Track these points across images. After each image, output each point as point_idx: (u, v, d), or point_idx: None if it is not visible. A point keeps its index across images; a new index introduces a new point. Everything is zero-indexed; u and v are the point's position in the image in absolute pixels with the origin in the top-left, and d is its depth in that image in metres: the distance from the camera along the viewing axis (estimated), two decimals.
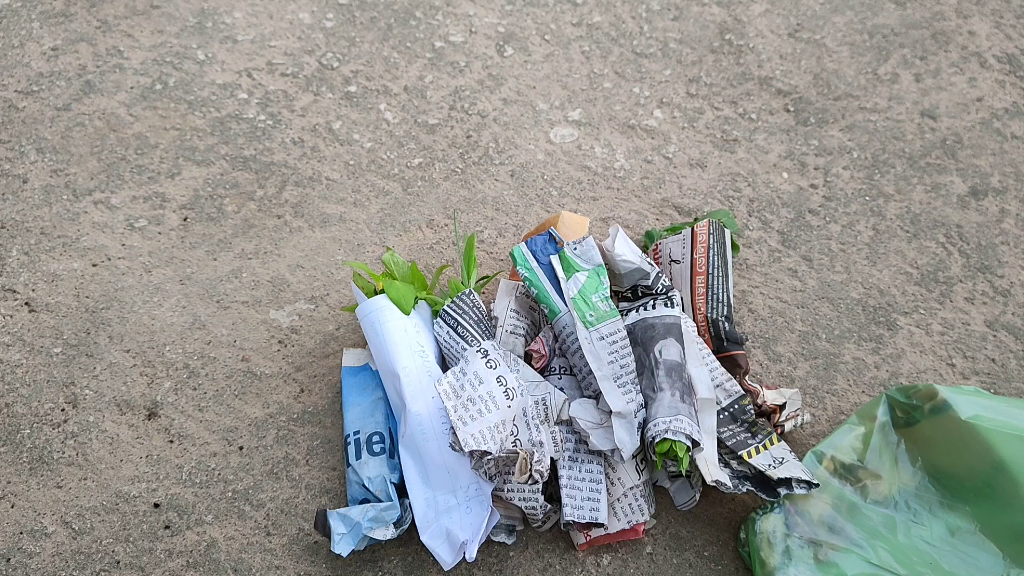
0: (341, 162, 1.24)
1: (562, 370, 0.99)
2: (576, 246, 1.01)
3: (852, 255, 1.19)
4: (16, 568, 0.93)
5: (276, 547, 0.95)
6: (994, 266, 1.18)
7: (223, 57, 1.34)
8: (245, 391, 1.05)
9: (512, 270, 1.07)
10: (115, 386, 1.04)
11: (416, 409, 0.93)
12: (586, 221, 1.07)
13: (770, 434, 0.97)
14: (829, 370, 1.09)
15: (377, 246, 1.17)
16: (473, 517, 0.90)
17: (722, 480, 0.91)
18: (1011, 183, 1.26)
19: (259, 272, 1.14)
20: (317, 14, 1.40)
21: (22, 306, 1.10)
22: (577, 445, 0.94)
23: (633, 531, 0.93)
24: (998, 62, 1.39)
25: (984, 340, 1.12)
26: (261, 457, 1.00)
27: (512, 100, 1.32)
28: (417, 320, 1.00)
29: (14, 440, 1.00)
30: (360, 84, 1.32)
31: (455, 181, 1.23)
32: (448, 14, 1.41)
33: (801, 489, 0.91)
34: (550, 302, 0.98)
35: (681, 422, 0.89)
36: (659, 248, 1.10)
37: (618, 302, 1.02)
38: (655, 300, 0.99)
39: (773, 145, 1.29)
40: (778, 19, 1.43)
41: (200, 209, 1.19)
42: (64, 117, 1.26)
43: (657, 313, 0.98)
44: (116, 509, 0.97)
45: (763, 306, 1.14)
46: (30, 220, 1.16)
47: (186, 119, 1.27)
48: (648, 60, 1.38)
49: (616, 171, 1.25)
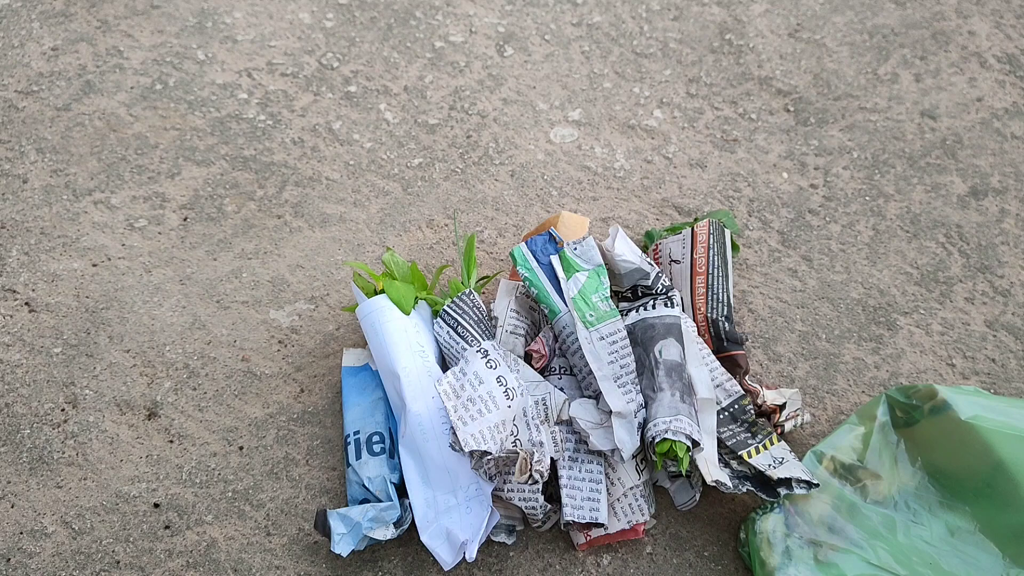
0: (341, 162, 1.24)
1: (562, 370, 0.99)
2: (576, 246, 1.01)
3: (852, 255, 1.19)
4: (16, 568, 0.93)
5: (276, 547, 0.95)
6: (994, 266, 1.18)
7: (223, 57, 1.34)
8: (245, 391, 1.05)
9: (512, 270, 1.07)
10: (115, 386, 1.04)
11: (416, 409, 0.93)
12: (586, 221, 1.07)
13: (770, 434, 0.97)
14: (829, 370, 1.09)
15: (377, 246, 1.17)
16: (473, 517, 0.90)
17: (722, 480, 0.91)
18: (1011, 183, 1.26)
19: (259, 272, 1.14)
20: (317, 14, 1.40)
21: (22, 306, 1.10)
22: (577, 445, 0.94)
23: (633, 531, 0.93)
24: (998, 62, 1.39)
25: (984, 340, 1.12)
26: (261, 457, 1.00)
27: (512, 100, 1.32)
28: (417, 320, 1.00)
29: (14, 440, 1.00)
30: (360, 84, 1.32)
31: (455, 181, 1.23)
32: (448, 14, 1.41)
33: (801, 489, 0.91)
34: (550, 302, 0.98)
35: (681, 422, 0.89)
36: (659, 248, 1.10)
37: (618, 302, 1.02)
38: (655, 300, 0.99)
39: (773, 145, 1.29)
40: (778, 19, 1.43)
41: (200, 209, 1.19)
42: (64, 117, 1.26)
43: (657, 313, 0.98)
44: (116, 509, 0.97)
45: (763, 306, 1.14)
46: (30, 220, 1.16)
47: (186, 119, 1.27)
48: (648, 60, 1.38)
49: (616, 171, 1.25)
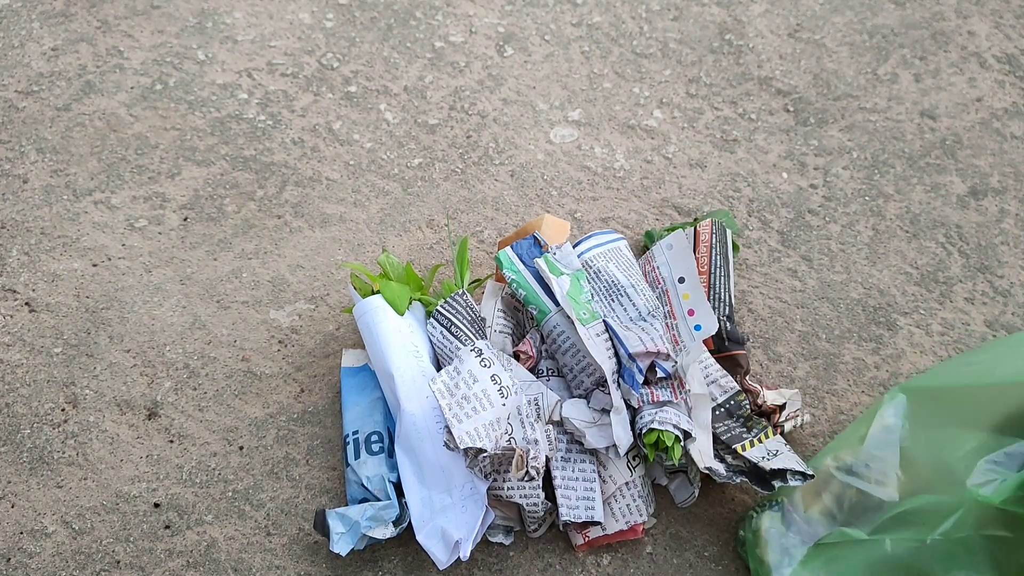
0: (341, 162, 1.24)
1: (550, 372, 0.99)
2: (556, 251, 1.02)
3: (852, 255, 1.19)
4: (16, 568, 0.93)
5: (276, 547, 0.95)
6: (994, 266, 1.18)
7: (223, 57, 1.34)
8: (245, 391, 1.05)
9: (497, 273, 1.07)
10: (115, 386, 1.04)
11: (410, 409, 0.93)
12: (567, 225, 1.07)
13: (765, 428, 0.97)
14: (829, 370, 1.09)
15: (377, 246, 1.17)
16: (468, 516, 0.90)
17: (715, 468, 0.91)
18: (1011, 183, 1.26)
19: (259, 272, 1.14)
20: (317, 14, 1.40)
21: (22, 306, 1.10)
22: (569, 445, 0.94)
23: (632, 531, 0.93)
24: (998, 62, 1.39)
25: (984, 340, 1.12)
26: (261, 457, 1.00)
27: (512, 100, 1.32)
28: (411, 320, 1.00)
29: (14, 440, 1.00)
30: (360, 84, 1.32)
31: (455, 181, 1.23)
32: (448, 14, 1.41)
33: (796, 481, 0.91)
34: (540, 303, 0.98)
35: (667, 413, 0.90)
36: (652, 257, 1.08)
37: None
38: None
39: (773, 145, 1.29)
40: (778, 19, 1.43)
41: (200, 209, 1.19)
42: (64, 117, 1.26)
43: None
44: (116, 509, 0.97)
45: (763, 306, 1.14)
46: (30, 220, 1.17)
47: (186, 119, 1.27)
48: (648, 60, 1.38)
49: (616, 171, 1.25)
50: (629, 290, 1.00)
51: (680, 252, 1.03)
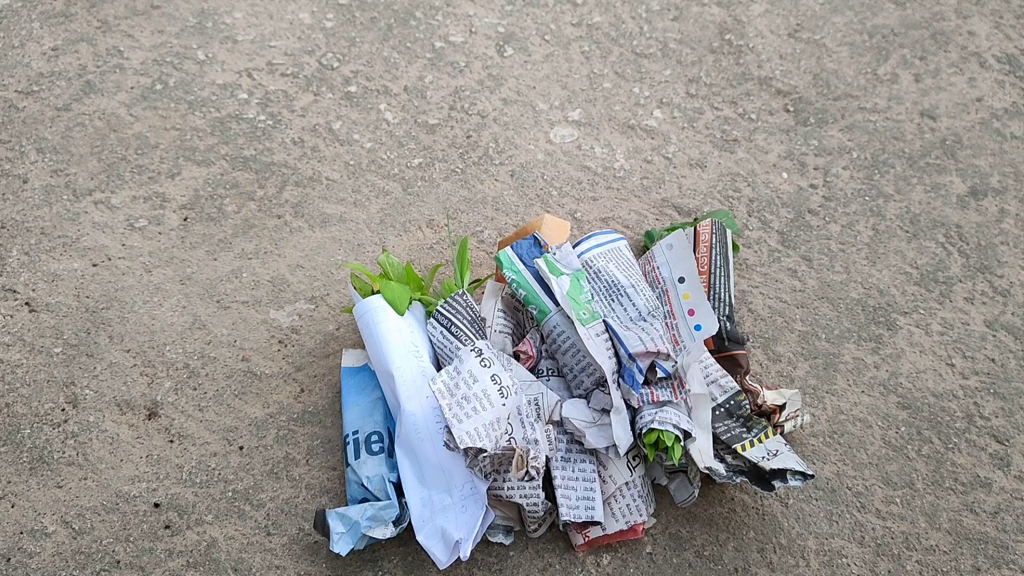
0: (341, 162, 1.24)
1: (550, 371, 0.99)
2: (555, 251, 1.02)
3: (852, 255, 1.19)
4: (16, 568, 0.93)
5: (276, 547, 0.95)
6: (994, 266, 1.18)
7: (223, 57, 1.34)
8: (245, 391, 1.05)
9: (497, 273, 1.07)
10: (115, 386, 1.04)
11: (410, 409, 0.93)
12: (567, 225, 1.07)
13: (765, 428, 0.97)
14: (829, 370, 1.09)
15: (377, 246, 1.17)
16: (468, 516, 0.90)
17: (714, 467, 0.91)
18: (1011, 183, 1.26)
19: (259, 272, 1.14)
20: (317, 14, 1.40)
21: (22, 306, 1.10)
22: (569, 445, 0.94)
23: (632, 531, 0.93)
24: (998, 62, 1.39)
25: (984, 340, 1.12)
26: (261, 457, 1.00)
27: (512, 100, 1.32)
28: (411, 320, 1.00)
29: (14, 440, 1.00)
30: (360, 84, 1.32)
31: (455, 181, 1.23)
32: (448, 14, 1.41)
33: (796, 481, 0.91)
34: (540, 303, 0.98)
35: (667, 413, 0.90)
36: (652, 256, 1.08)
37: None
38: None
39: (773, 145, 1.29)
40: (778, 19, 1.43)
41: (200, 209, 1.19)
42: (64, 117, 1.26)
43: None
44: (116, 509, 0.97)
45: (763, 306, 1.14)
46: (30, 220, 1.17)
47: (186, 119, 1.27)
48: (648, 60, 1.38)
49: (616, 171, 1.25)
50: (629, 290, 1.00)
51: (680, 252, 1.03)
